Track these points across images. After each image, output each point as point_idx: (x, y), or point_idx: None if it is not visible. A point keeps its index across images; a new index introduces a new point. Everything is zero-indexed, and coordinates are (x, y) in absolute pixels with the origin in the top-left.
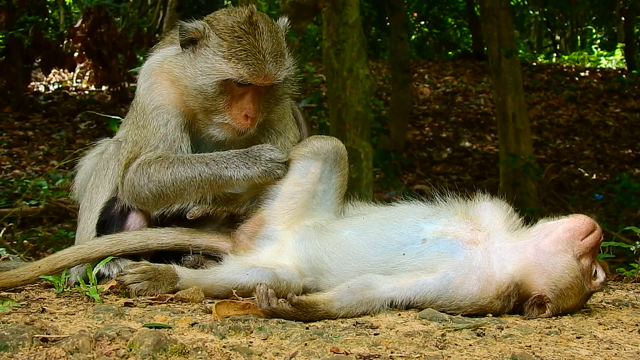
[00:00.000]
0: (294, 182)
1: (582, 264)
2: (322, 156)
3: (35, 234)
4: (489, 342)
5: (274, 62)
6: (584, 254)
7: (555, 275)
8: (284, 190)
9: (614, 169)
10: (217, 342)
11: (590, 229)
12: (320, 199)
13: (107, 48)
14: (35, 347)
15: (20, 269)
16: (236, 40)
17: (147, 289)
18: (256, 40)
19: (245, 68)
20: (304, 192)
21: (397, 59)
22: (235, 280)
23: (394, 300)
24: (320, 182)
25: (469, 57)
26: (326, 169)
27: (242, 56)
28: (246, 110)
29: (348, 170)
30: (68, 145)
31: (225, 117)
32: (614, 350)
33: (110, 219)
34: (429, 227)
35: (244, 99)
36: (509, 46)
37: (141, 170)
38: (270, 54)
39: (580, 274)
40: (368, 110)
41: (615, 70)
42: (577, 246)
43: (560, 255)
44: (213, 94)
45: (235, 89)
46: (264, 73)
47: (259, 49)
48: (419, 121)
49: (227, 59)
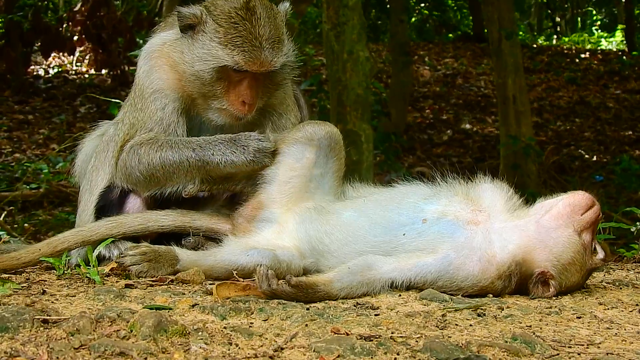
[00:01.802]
0: (289, 168)
1: (583, 238)
2: (316, 142)
3: (36, 217)
4: (489, 322)
5: (270, 48)
6: (585, 228)
7: (557, 250)
8: (280, 175)
9: (614, 151)
10: (218, 323)
11: (589, 204)
12: (317, 182)
13: (106, 31)
14: (36, 329)
15: (20, 252)
16: (232, 27)
17: (147, 270)
18: (253, 27)
19: (241, 55)
20: (301, 176)
21: (397, 42)
22: (236, 262)
23: (394, 281)
24: (316, 167)
25: (469, 39)
26: (321, 154)
27: (238, 42)
28: (243, 97)
29: (344, 154)
30: (68, 128)
31: (223, 103)
32: (614, 330)
33: (109, 204)
34: (430, 208)
35: (241, 85)
36: (509, 28)
37: (133, 151)
38: (267, 40)
39: (582, 248)
40: (368, 92)
41: (615, 52)
42: (577, 221)
43: (561, 230)
44: (210, 80)
45: (232, 75)
46: (260, 60)
47: (255, 36)
48: (420, 103)
49: (223, 45)
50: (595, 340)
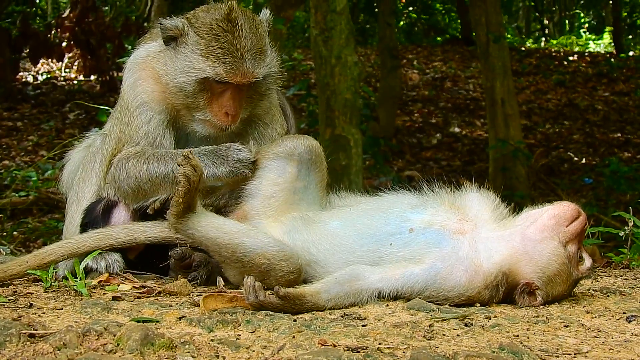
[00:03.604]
0: (272, 182)
1: (569, 250)
2: (297, 157)
3: (25, 224)
4: (476, 332)
5: (252, 59)
6: (570, 240)
7: (542, 263)
8: (263, 190)
9: (603, 153)
10: (205, 336)
11: (575, 215)
12: (301, 194)
13: (95, 37)
14: (23, 343)
15: (7, 264)
16: (214, 38)
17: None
18: (234, 38)
19: (223, 66)
20: (284, 190)
21: (385, 45)
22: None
23: (381, 291)
24: (298, 180)
25: (458, 42)
26: (303, 167)
27: (219, 54)
28: (226, 108)
29: (325, 165)
30: (57, 135)
31: (207, 114)
32: (602, 338)
33: (93, 220)
34: (416, 217)
35: (223, 96)
36: (496, 31)
37: (121, 165)
38: (249, 51)
39: (567, 260)
40: (357, 97)
41: (603, 54)
42: (562, 233)
43: (546, 242)
44: (193, 92)
45: (214, 87)
46: (242, 71)
47: (237, 47)
48: (408, 107)
49: (204, 57)
50: (583, 349)
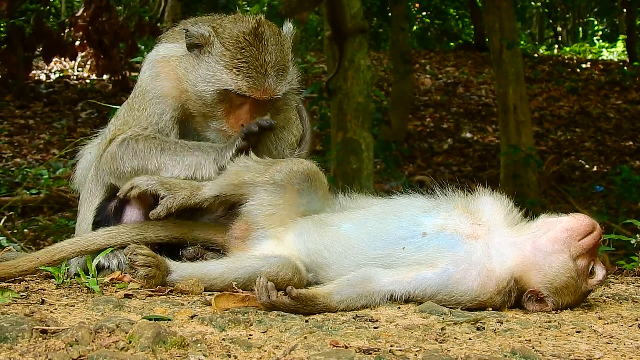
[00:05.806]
0: (272, 203)
1: (578, 264)
2: (297, 179)
3: (36, 222)
4: (488, 336)
5: (275, 76)
6: (581, 254)
7: (550, 274)
8: (264, 209)
9: (614, 161)
10: (217, 335)
11: (588, 230)
12: (306, 207)
13: (108, 37)
14: (35, 339)
15: (18, 260)
16: (239, 51)
17: (146, 275)
18: (260, 53)
19: (245, 81)
20: (287, 207)
21: (398, 50)
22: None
23: (393, 293)
24: (300, 197)
25: (471, 48)
26: (303, 188)
27: (243, 68)
28: (243, 121)
29: (326, 181)
30: (69, 134)
31: (223, 124)
32: (614, 344)
33: (105, 218)
34: (429, 221)
35: (242, 109)
36: (510, 37)
37: (126, 144)
38: (273, 67)
39: (575, 274)
40: (369, 100)
41: (616, 62)
42: (574, 246)
43: (556, 255)
44: (212, 102)
45: (234, 99)
46: (264, 87)
47: (261, 62)
48: (420, 112)
49: (228, 70)
50: (595, 355)
